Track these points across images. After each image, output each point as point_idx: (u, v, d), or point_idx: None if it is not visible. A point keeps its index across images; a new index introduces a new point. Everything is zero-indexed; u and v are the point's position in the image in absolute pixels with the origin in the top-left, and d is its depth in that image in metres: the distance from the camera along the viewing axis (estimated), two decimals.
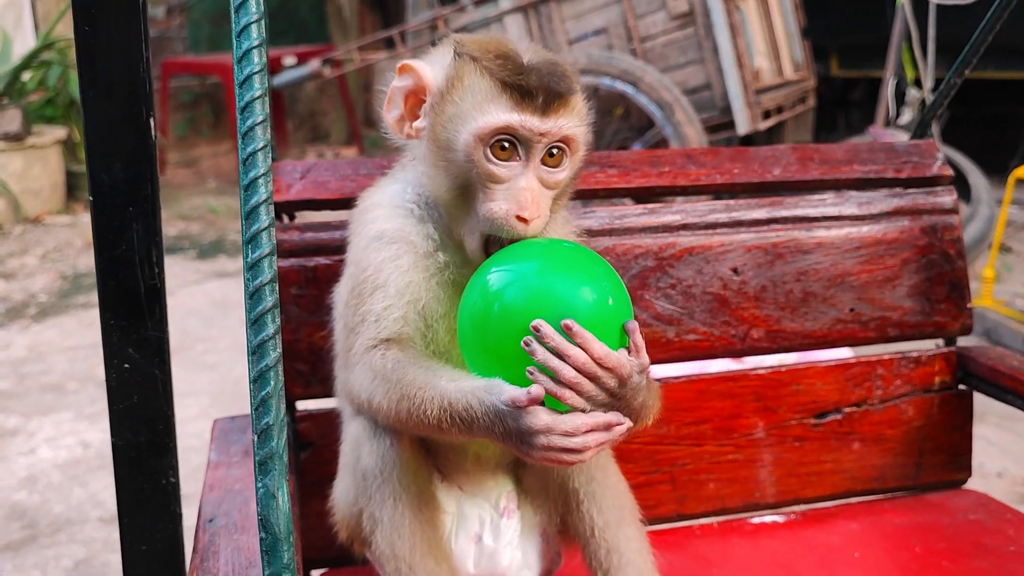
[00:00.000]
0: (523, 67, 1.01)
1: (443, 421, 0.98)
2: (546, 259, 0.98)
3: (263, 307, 0.70)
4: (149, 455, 0.92)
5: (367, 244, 1.11)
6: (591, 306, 0.95)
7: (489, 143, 1.01)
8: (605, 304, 0.96)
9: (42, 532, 2.62)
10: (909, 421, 1.54)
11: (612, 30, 4.57)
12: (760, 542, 1.45)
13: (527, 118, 1.00)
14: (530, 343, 0.93)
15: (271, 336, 0.70)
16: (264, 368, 0.69)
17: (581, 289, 0.95)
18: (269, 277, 0.70)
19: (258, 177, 0.71)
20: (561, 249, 1.01)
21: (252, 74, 0.72)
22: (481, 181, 1.02)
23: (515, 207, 1.01)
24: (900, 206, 1.52)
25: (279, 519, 0.69)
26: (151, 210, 0.88)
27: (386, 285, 1.08)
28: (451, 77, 1.03)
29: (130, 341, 0.89)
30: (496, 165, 1.01)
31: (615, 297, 0.98)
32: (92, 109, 0.84)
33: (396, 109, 1.07)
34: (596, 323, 0.94)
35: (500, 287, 0.96)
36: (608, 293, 0.97)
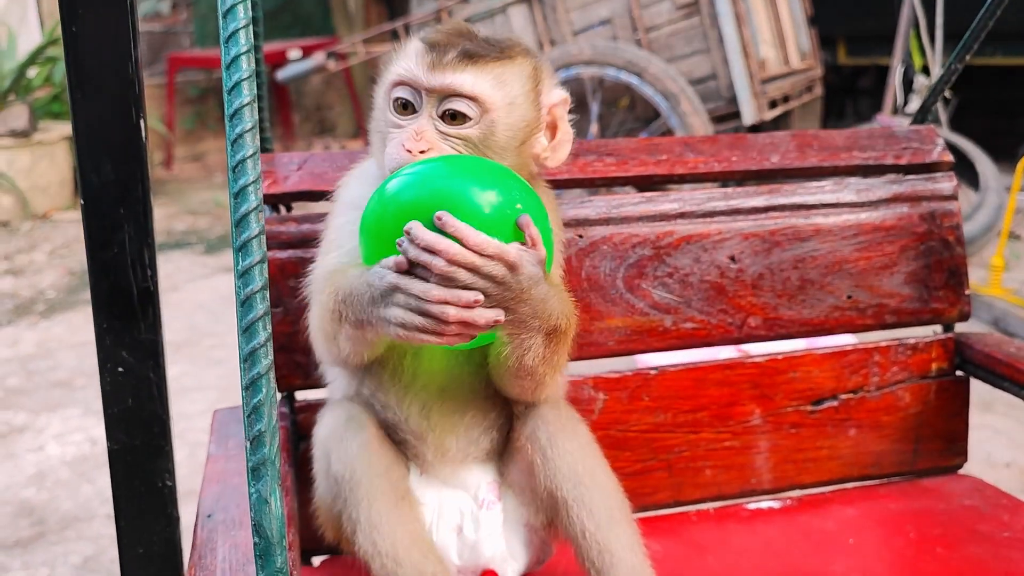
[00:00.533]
0: (451, 31, 1.08)
1: (336, 311, 1.03)
2: (446, 165, 1.01)
3: (254, 315, 0.70)
4: (145, 458, 0.93)
5: (332, 212, 1.18)
6: (477, 202, 0.95)
7: (391, 97, 1.08)
8: (498, 200, 0.96)
9: (50, 529, 2.64)
10: (906, 408, 1.54)
11: (617, 20, 4.56)
12: (756, 528, 1.45)
13: (416, 70, 1.07)
14: (401, 243, 0.96)
15: (262, 344, 0.71)
16: (256, 376, 0.70)
17: (470, 187, 0.96)
18: (260, 285, 0.71)
19: (248, 185, 0.72)
20: (467, 159, 1.04)
21: (239, 55, 0.72)
22: (387, 131, 1.09)
23: (400, 143, 1.06)
24: (899, 192, 1.52)
25: (272, 524, 0.69)
26: (143, 211, 0.89)
27: (342, 245, 1.13)
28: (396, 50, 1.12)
29: (123, 344, 0.90)
30: (396, 116, 1.08)
31: (508, 195, 0.98)
32: (81, 110, 0.84)
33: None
34: (483, 218, 0.95)
35: (394, 190, 0.99)
36: (503, 191, 0.97)
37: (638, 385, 1.43)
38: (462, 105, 1.07)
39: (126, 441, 0.92)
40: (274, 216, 1.32)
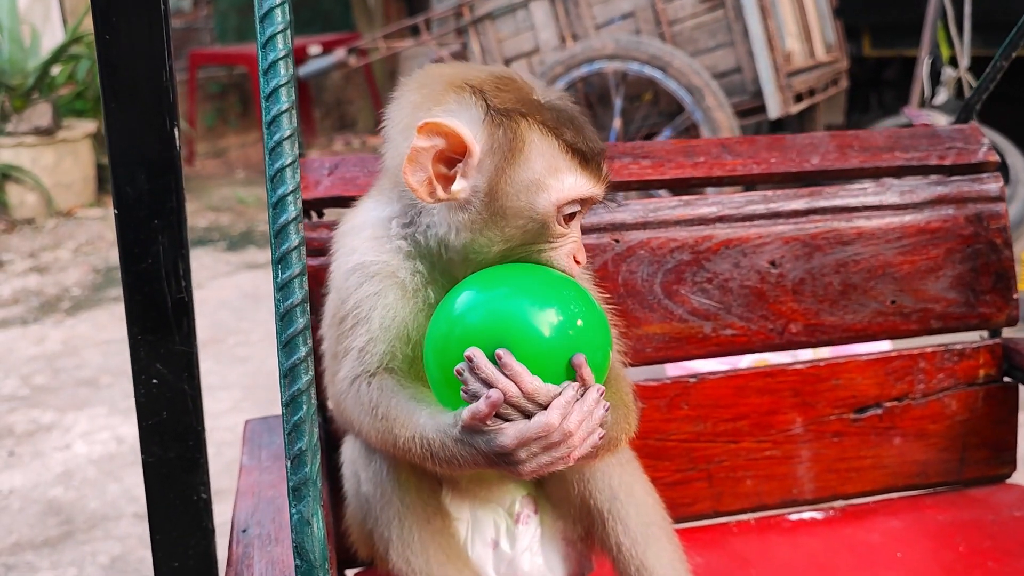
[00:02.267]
0: (574, 121, 1.00)
1: (427, 459, 0.98)
2: (511, 282, 0.97)
3: (294, 329, 0.68)
4: (180, 471, 0.91)
5: (347, 275, 1.07)
6: (537, 326, 0.93)
7: (565, 211, 1.00)
8: (558, 320, 0.93)
9: (78, 528, 2.65)
10: (952, 415, 1.50)
11: (640, 14, 4.51)
12: (799, 539, 1.42)
13: (596, 188, 1.01)
14: (462, 372, 0.92)
15: (303, 359, 0.68)
16: (296, 392, 0.67)
17: (531, 308, 0.93)
18: (300, 298, 0.68)
19: (287, 195, 0.69)
20: (531, 271, 0.99)
21: (277, 60, 0.70)
22: (549, 240, 1.01)
23: (580, 256, 1.03)
24: (944, 194, 1.47)
25: (315, 546, 0.67)
26: (177, 222, 0.87)
27: (369, 320, 1.05)
28: (511, 140, 0.97)
29: (158, 356, 0.88)
30: (563, 227, 1.01)
31: (568, 312, 0.95)
32: (115, 120, 0.82)
33: (422, 173, 0.98)
34: (543, 342, 0.92)
35: (460, 310, 0.95)
36: (562, 307, 0.94)
37: (677, 393, 1.40)
38: None
39: (161, 454, 0.90)
40: (305, 223, 1.30)
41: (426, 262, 1.05)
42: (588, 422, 0.92)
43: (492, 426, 0.91)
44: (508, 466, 0.93)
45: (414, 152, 0.97)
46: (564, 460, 0.92)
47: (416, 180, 0.98)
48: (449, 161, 0.98)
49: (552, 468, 0.93)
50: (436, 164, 0.98)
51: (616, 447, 1.04)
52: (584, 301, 0.98)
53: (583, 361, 0.93)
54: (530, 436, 0.90)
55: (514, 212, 0.98)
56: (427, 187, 0.99)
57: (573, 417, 0.91)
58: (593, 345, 0.96)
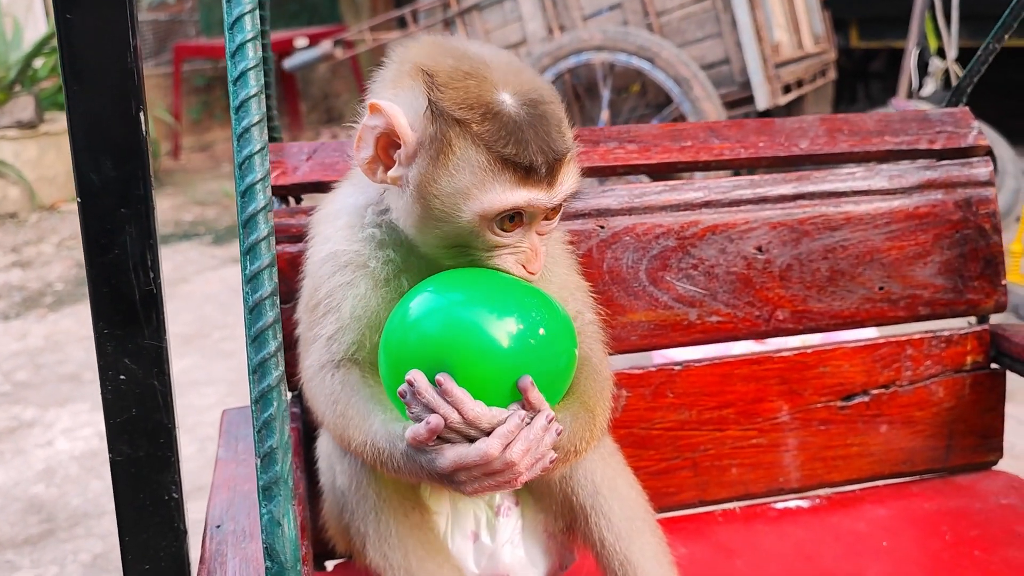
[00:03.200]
0: (519, 133, 0.93)
1: (377, 466, 0.97)
2: (475, 287, 0.94)
3: (263, 323, 0.65)
4: (150, 470, 0.87)
5: (321, 263, 1.06)
6: (495, 336, 0.90)
7: (494, 221, 0.95)
8: (518, 330, 0.91)
9: (60, 526, 2.61)
10: (939, 403, 1.49)
11: (627, 5, 4.48)
12: (784, 528, 1.40)
13: (536, 195, 0.95)
14: (404, 394, 0.91)
15: (272, 354, 0.66)
16: (266, 388, 0.65)
17: (490, 318, 0.90)
18: (269, 291, 0.66)
19: (255, 183, 0.66)
20: (496, 279, 0.96)
21: (244, 42, 0.67)
22: (485, 249, 0.97)
23: (520, 269, 0.98)
24: (933, 179, 1.46)
25: (286, 547, 0.65)
26: (145, 211, 0.83)
27: (339, 309, 1.04)
28: (438, 142, 0.94)
29: (126, 351, 0.85)
30: (501, 236, 0.97)
31: (536, 334, 0.92)
32: (77, 103, 0.78)
33: (367, 150, 0.98)
34: (502, 354, 0.90)
35: (415, 316, 0.93)
36: (531, 330, 0.91)
37: (662, 381, 1.38)
38: (561, 206, 1.00)
39: (130, 453, 0.87)
40: (283, 208, 1.27)
41: (401, 249, 1.04)
42: (535, 450, 0.90)
43: (432, 447, 0.90)
44: (450, 485, 0.92)
45: (363, 129, 0.98)
46: (510, 484, 0.91)
47: (361, 157, 0.99)
48: (393, 145, 0.98)
49: (497, 490, 0.92)
50: (381, 146, 0.98)
51: (576, 457, 1.01)
52: (547, 308, 0.95)
53: (529, 384, 0.90)
54: (468, 463, 0.89)
55: (440, 215, 0.96)
56: (372, 166, 0.99)
57: (517, 446, 0.89)
58: (555, 354, 0.93)
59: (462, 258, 0.99)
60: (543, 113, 0.95)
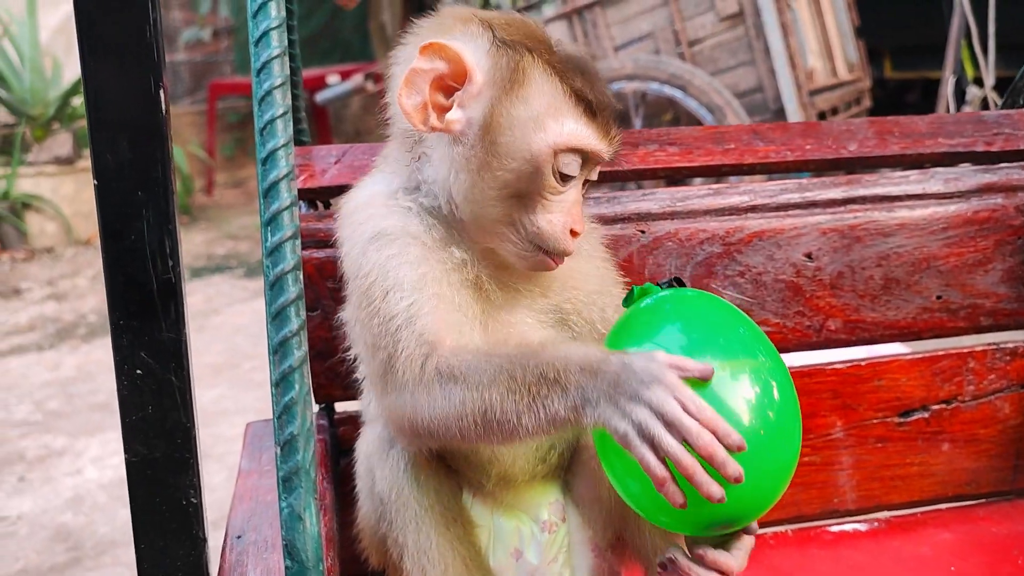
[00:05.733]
0: (586, 69, 0.93)
1: (536, 383, 0.82)
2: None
3: (285, 299, 0.61)
4: (167, 472, 0.82)
5: (363, 248, 0.96)
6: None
7: (561, 159, 0.92)
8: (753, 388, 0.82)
9: (86, 555, 2.57)
10: (1005, 419, 1.40)
11: (659, 34, 4.47)
12: (841, 552, 1.32)
13: (600, 143, 0.93)
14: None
15: (295, 332, 0.61)
16: (288, 369, 0.60)
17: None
18: (292, 264, 0.61)
19: (279, 180, 0.62)
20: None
21: (272, 59, 0.63)
22: (542, 194, 0.93)
23: (571, 222, 0.93)
24: (991, 182, 1.38)
25: (307, 544, 0.59)
26: (164, 195, 0.78)
27: (399, 284, 0.92)
28: (513, 71, 0.91)
29: (142, 344, 0.79)
30: (559, 182, 0.93)
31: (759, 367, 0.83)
32: (93, 79, 0.74)
33: (418, 95, 0.92)
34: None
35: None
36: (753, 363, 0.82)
37: None
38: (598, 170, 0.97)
39: (145, 453, 0.81)
40: (311, 212, 1.23)
41: (442, 224, 0.98)
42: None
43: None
44: (610, 414, 0.79)
45: (412, 74, 0.92)
46: (664, 449, 0.78)
47: (411, 104, 0.92)
48: (448, 90, 0.93)
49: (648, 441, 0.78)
50: (434, 91, 0.93)
51: None
52: (766, 347, 0.85)
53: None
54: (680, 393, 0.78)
55: (507, 150, 0.91)
56: (421, 113, 0.93)
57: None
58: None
59: (509, 220, 0.93)
60: (589, 61, 0.94)
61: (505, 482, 1.07)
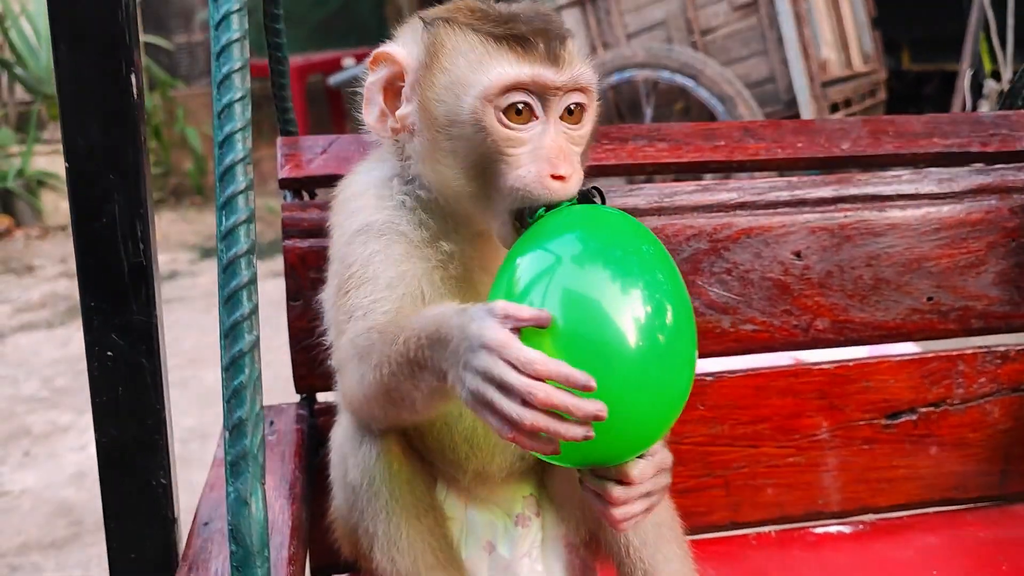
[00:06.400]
0: (509, 14, 0.92)
1: (425, 358, 0.81)
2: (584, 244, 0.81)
3: (238, 282, 0.61)
4: (137, 453, 0.83)
5: (350, 239, 0.99)
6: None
7: (502, 106, 0.89)
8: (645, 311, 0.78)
9: (87, 530, 2.61)
10: (994, 424, 1.39)
11: (671, 22, 4.43)
12: (824, 555, 1.31)
13: (539, 69, 0.89)
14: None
15: (246, 316, 0.61)
16: (238, 353, 0.60)
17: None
18: (245, 248, 0.61)
19: (235, 132, 0.62)
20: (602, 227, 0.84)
21: (229, 13, 0.63)
22: (500, 150, 0.89)
23: (547, 166, 0.88)
24: (986, 183, 1.37)
25: (252, 529, 0.59)
26: (135, 179, 0.79)
27: (375, 279, 0.95)
28: (430, 46, 0.92)
29: (113, 327, 0.81)
30: (513, 129, 0.89)
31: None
32: (65, 63, 0.75)
33: (375, 106, 0.97)
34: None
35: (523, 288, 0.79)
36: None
37: (692, 392, 1.29)
38: (581, 99, 0.92)
39: (116, 435, 0.83)
40: (296, 203, 1.23)
41: (437, 216, 0.98)
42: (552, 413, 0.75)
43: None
44: (456, 379, 0.78)
45: (367, 90, 0.97)
46: (510, 414, 0.74)
47: (371, 117, 0.97)
48: (397, 91, 0.96)
49: (491, 409, 0.76)
50: (387, 98, 0.97)
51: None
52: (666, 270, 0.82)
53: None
54: (510, 349, 0.75)
55: (446, 120, 0.91)
56: (381, 121, 0.97)
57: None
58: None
59: (486, 194, 0.91)
60: (537, 9, 0.93)
61: (482, 479, 1.07)
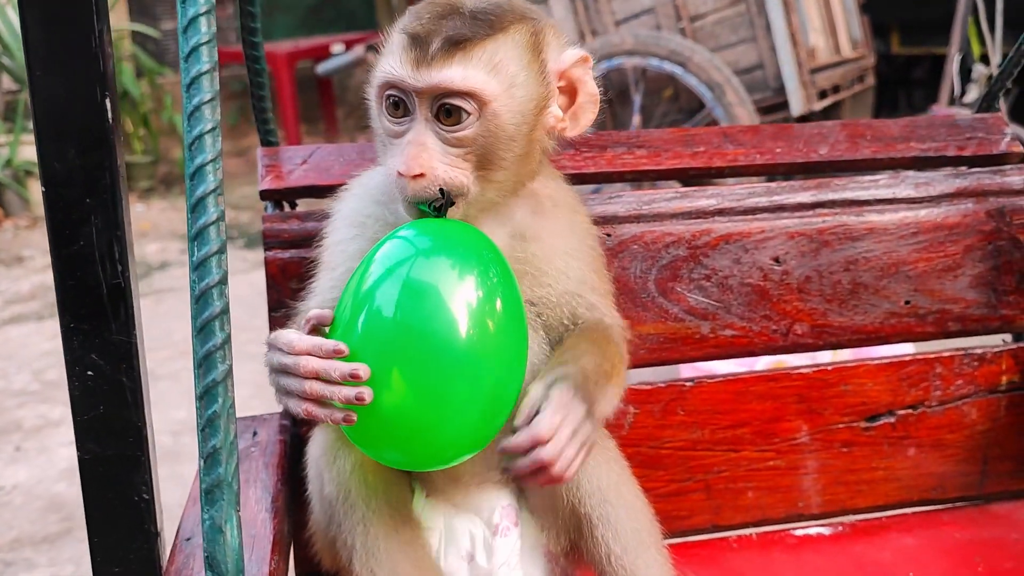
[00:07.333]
0: (425, 9, 0.95)
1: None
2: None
3: (210, 312, 0.61)
4: (119, 470, 0.85)
5: (329, 224, 1.09)
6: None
7: (383, 99, 0.97)
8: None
9: (78, 525, 2.62)
10: (972, 425, 1.40)
11: (660, 9, 4.42)
12: (804, 556, 1.33)
13: (400, 69, 0.94)
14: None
15: (219, 346, 0.62)
16: (211, 383, 0.61)
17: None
18: (217, 279, 0.62)
19: (205, 164, 0.63)
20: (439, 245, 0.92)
21: (197, 16, 0.63)
22: (386, 141, 0.98)
23: (396, 163, 0.94)
24: (963, 187, 1.38)
25: (227, 556, 0.60)
26: (112, 201, 0.80)
27: (335, 268, 1.04)
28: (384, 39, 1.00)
29: (93, 346, 0.82)
30: (389, 120, 0.96)
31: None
32: (40, 89, 0.76)
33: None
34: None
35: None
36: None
37: (672, 398, 1.31)
38: (458, 101, 0.94)
39: (98, 451, 0.85)
40: (276, 213, 1.24)
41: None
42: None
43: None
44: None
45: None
46: (290, 386, 0.89)
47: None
48: None
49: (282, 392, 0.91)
50: None
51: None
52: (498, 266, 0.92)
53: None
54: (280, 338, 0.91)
55: (371, 107, 1.00)
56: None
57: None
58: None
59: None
60: (478, 8, 0.95)
61: (453, 480, 1.08)
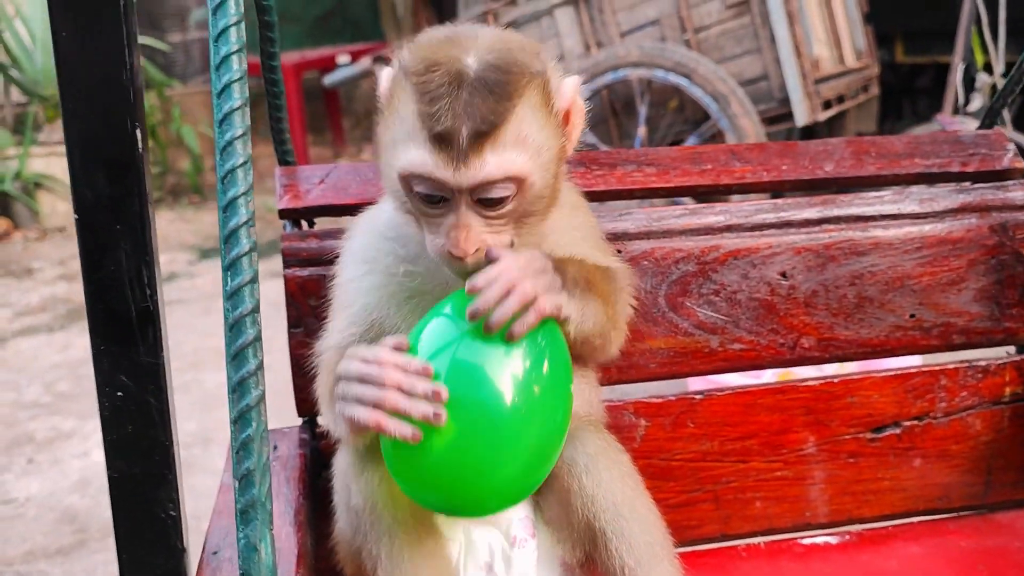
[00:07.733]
0: (445, 90, 0.89)
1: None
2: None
3: (244, 340, 0.64)
4: (147, 487, 0.88)
5: (339, 263, 1.11)
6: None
7: (412, 189, 0.94)
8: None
9: (92, 537, 2.64)
10: (976, 436, 1.43)
11: (665, 21, 4.45)
12: (811, 565, 1.35)
13: (436, 170, 0.91)
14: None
15: (252, 372, 0.65)
16: (245, 408, 0.64)
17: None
18: (250, 307, 0.65)
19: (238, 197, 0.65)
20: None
21: (229, 55, 0.66)
22: (420, 212, 0.96)
23: (448, 244, 0.94)
24: (966, 202, 1.40)
25: (262, 573, 0.63)
26: (141, 228, 0.84)
27: (351, 305, 1.06)
28: (388, 94, 0.96)
29: (122, 368, 0.85)
30: (425, 206, 0.94)
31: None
32: (73, 120, 0.79)
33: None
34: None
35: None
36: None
37: (683, 411, 1.34)
38: (498, 191, 0.92)
39: (126, 469, 0.88)
40: (295, 232, 1.27)
41: (411, 241, 1.04)
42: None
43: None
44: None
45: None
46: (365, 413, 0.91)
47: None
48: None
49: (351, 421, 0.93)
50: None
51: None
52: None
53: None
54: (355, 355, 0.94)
55: (384, 172, 0.98)
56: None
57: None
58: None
59: (422, 236, 0.99)
60: (490, 78, 0.89)
61: None
